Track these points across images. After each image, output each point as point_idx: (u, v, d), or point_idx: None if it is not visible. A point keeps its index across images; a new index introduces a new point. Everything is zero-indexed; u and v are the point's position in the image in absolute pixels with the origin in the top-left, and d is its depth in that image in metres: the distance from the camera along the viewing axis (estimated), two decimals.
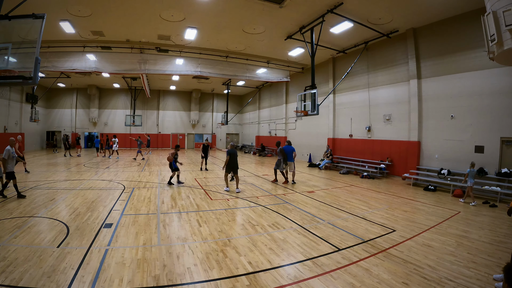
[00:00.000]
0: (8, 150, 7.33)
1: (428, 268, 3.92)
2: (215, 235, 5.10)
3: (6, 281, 3.25)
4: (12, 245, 4.30)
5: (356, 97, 14.99)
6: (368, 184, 11.12)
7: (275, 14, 10.63)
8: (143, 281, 3.43)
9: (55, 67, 14.27)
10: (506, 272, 2.14)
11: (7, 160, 7.31)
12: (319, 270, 3.84)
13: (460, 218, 6.61)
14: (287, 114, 21.96)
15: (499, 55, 5.11)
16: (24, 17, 4.76)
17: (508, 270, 2.14)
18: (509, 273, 2.12)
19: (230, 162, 8.90)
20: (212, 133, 32.20)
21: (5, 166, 7.36)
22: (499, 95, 8.83)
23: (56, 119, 27.11)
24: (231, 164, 8.93)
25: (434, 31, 10.87)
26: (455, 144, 10.09)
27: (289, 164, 10.75)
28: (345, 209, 7.21)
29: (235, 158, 9.09)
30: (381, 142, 13.40)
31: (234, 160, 9.00)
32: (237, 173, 9.12)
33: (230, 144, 9.54)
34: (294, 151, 10.89)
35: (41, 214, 6.03)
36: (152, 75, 21.04)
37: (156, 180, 10.84)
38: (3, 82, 4.45)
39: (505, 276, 2.15)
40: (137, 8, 10.41)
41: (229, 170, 9.08)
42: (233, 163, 8.98)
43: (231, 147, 9.32)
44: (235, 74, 17.52)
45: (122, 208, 6.73)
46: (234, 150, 9.21)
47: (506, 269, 2.15)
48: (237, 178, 9.10)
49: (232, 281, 3.48)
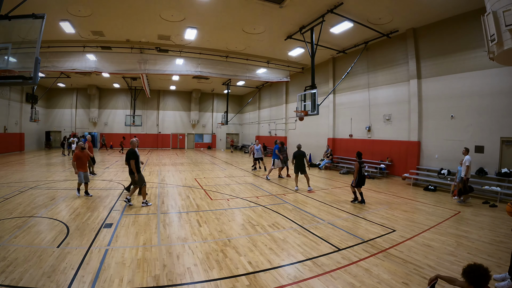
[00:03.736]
0: None
1: (428, 268, 3.91)
2: (215, 235, 5.10)
3: (6, 281, 3.25)
4: (12, 245, 4.30)
5: (356, 97, 14.99)
6: (368, 184, 11.11)
7: (275, 14, 10.63)
8: (143, 281, 3.43)
9: (55, 67, 14.27)
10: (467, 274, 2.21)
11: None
12: (319, 270, 3.84)
13: (460, 218, 6.61)
14: (287, 114, 21.95)
15: (499, 55, 5.10)
16: (24, 17, 4.76)
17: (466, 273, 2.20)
18: (469, 275, 2.18)
19: (296, 164, 9.71)
20: (212, 133, 32.20)
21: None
22: (499, 95, 8.83)
23: (56, 119, 27.11)
24: (297, 167, 9.69)
25: (434, 31, 10.87)
26: (455, 144, 10.09)
27: (277, 162, 11.61)
28: (345, 209, 7.21)
29: (302, 159, 9.70)
30: (381, 142, 13.40)
31: (299, 161, 9.68)
32: (305, 172, 9.74)
33: (296, 146, 10.28)
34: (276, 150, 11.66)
35: (41, 214, 6.03)
36: (152, 75, 21.04)
37: (156, 180, 10.84)
38: (3, 82, 4.45)
39: (466, 278, 2.22)
40: (137, 8, 10.40)
41: (297, 171, 9.75)
42: (299, 164, 9.69)
43: (298, 149, 10.00)
44: (235, 74, 17.53)
45: (122, 208, 6.72)
46: (300, 151, 9.88)
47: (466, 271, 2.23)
48: (307, 177, 9.79)
49: (232, 281, 3.48)
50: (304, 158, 9.78)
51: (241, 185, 10.19)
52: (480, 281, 2.17)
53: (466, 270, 2.26)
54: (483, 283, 2.17)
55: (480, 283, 2.17)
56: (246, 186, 10.00)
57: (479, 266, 2.22)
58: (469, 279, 2.21)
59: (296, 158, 9.73)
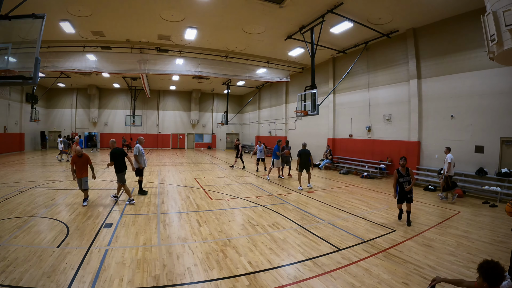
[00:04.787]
0: (137, 148, 8.04)
1: (428, 268, 3.91)
2: (215, 235, 5.10)
3: (6, 281, 3.25)
4: (12, 245, 4.30)
5: (356, 97, 14.98)
6: (368, 184, 11.13)
7: (275, 14, 10.63)
8: (143, 281, 3.43)
9: (55, 67, 14.26)
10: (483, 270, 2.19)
11: (137, 156, 7.99)
12: (319, 270, 3.84)
13: (460, 218, 6.61)
14: (287, 114, 21.95)
15: (499, 55, 5.11)
16: (24, 17, 4.75)
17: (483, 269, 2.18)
18: (486, 271, 2.15)
19: (301, 162, 9.86)
20: (212, 133, 32.20)
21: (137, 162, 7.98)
22: (499, 95, 8.82)
23: (56, 119, 27.10)
24: (302, 164, 9.86)
25: (434, 31, 10.86)
26: (455, 144, 10.07)
27: (276, 161, 11.75)
28: (345, 209, 7.21)
29: (307, 158, 9.93)
30: (381, 142, 13.40)
31: (305, 159, 9.88)
32: (309, 170, 10.01)
33: (302, 144, 10.50)
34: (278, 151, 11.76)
35: (41, 214, 6.03)
36: (152, 75, 21.04)
37: (156, 180, 10.84)
38: (3, 82, 4.45)
39: (482, 274, 2.19)
40: (137, 8, 10.40)
41: (301, 169, 9.92)
42: (304, 162, 9.87)
43: (303, 147, 10.21)
44: (235, 74, 17.53)
45: (122, 208, 6.73)
46: (305, 150, 10.09)
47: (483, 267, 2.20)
48: (309, 174, 10.09)
49: (232, 281, 3.48)
50: (310, 157, 10.04)
51: (241, 185, 10.19)
52: (495, 279, 2.13)
53: (483, 265, 2.20)
54: (498, 282, 2.13)
55: (495, 281, 2.13)
56: (246, 186, 10.00)
57: (497, 263, 2.17)
58: (485, 275, 2.16)
59: (301, 156, 9.91)
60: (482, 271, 2.19)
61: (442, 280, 2.62)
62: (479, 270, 2.21)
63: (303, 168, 9.90)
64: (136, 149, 8.07)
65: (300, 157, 9.90)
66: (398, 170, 5.99)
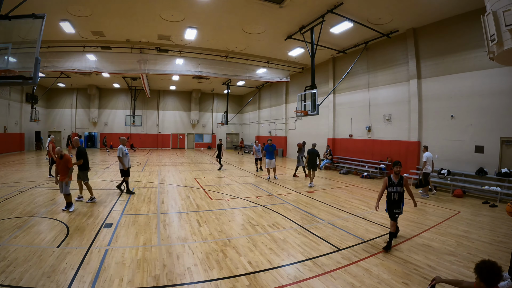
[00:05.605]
0: (120, 149, 8.00)
1: (428, 268, 3.91)
2: (215, 235, 5.10)
3: (6, 281, 3.25)
4: (12, 245, 4.30)
5: (356, 97, 14.98)
6: (368, 184, 11.13)
7: (275, 14, 10.63)
8: (143, 281, 3.43)
9: (55, 67, 14.26)
10: (480, 270, 2.18)
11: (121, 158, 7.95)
12: (319, 270, 3.84)
13: (460, 218, 6.61)
14: (287, 114, 21.95)
15: (499, 55, 5.11)
16: (24, 17, 4.76)
17: (480, 269, 2.17)
18: (482, 271, 2.15)
19: (309, 160, 10.45)
20: (212, 133, 32.20)
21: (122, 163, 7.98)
22: (499, 95, 8.82)
23: (56, 119, 27.08)
24: (310, 162, 10.44)
25: (434, 31, 10.86)
26: (455, 144, 10.09)
27: (267, 161, 11.74)
28: (345, 209, 7.21)
29: (315, 157, 10.42)
30: (381, 142, 13.40)
31: (313, 159, 10.40)
32: (315, 169, 10.52)
33: (312, 144, 11.17)
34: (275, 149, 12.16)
35: (41, 214, 6.03)
36: (152, 75, 21.03)
37: (156, 180, 10.84)
38: (3, 82, 4.45)
39: (479, 274, 2.18)
40: (137, 8, 10.40)
41: (310, 167, 10.50)
42: (311, 161, 10.42)
43: (312, 147, 10.79)
44: (235, 74, 17.52)
45: (122, 208, 6.73)
46: (314, 150, 10.60)
47: (480, 267, 2.20)
48: (313, 174, 10.51)
49: (232, 281, 3.48)
50: (318, 157, 10.52)
51: (241, 185, 10.19)
52: (492, 279, 2.13)
53: (480, 265, 2.20)
54: (495, 282, 2.14)
55: (492, 282, 2.13)
56: (246, 186, 10.00)
57: (494, 263, 2.16)
58: (481, 275, 2.16)
59: (310, 155, 10.51)
60: (478, 272, 2.19)
61: (442, 281, 2.62)
62: (476, 271, 2.22)
63: (311, 167, 10.47)
64: (119, 150, 7.94)
65: (309, 156, 10.49)
66: (390, 177, 4.81)
